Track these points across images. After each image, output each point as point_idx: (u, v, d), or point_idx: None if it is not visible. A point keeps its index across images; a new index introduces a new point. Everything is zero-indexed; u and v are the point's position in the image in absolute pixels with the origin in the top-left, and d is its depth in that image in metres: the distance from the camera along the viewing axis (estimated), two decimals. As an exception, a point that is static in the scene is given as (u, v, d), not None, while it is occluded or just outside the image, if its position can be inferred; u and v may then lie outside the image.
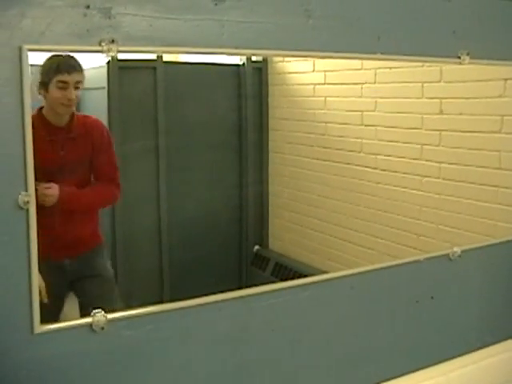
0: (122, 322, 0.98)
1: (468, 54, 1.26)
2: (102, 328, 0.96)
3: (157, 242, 2.89)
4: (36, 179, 1.82)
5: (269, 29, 1.03)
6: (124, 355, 0.98)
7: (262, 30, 1.03)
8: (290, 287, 1.12)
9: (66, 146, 2.23)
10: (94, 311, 0.97)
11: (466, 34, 1.26)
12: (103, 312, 0.97)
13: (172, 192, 2.87)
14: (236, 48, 1.01)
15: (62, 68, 2.09)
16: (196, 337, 1.03)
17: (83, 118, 2.30)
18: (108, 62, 2.77)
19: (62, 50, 0.88)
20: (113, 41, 0.90)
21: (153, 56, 2.93)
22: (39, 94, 2.15)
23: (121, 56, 2.70)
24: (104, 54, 0.90)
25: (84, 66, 2.13)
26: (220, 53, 1.00)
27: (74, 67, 2.11)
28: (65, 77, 2.10)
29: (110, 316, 0.97)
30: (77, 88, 2.13)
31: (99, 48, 0.89)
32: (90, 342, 0.96)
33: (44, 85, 2.15)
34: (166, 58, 2.99)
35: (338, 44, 1.10)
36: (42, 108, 2.25)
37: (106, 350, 0.97)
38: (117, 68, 2.83)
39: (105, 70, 2.81)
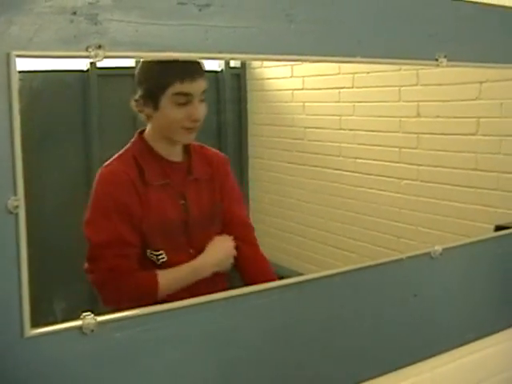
0: (112, 324, 0.98)
1: (445, 57, 1.28)
2: (92, 330, 0.97)
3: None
4: (147, 244, 1.52)
5: (252, 34, 1.05)
6: (115, 357, 0.99)
7: (246, 35, 1.05)
8: (275, 287, 1.13)
9: (187, 193, 1.61)
10: (83, 314, 0.97)
11: (443, 37, 1.29)
12: (93, 315, 0.98)
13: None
14: (220, 53, 1.03)
15: (181, 73, 1.46)
16: (186, 338, 1.04)
17: (200, 149, 1.68)
18: (87, 70, 2.76)
19: (50, 56, 0.89)
20: (100, 46, 0.91)
21: (133, 63, 2.92)
22: (139, 111, 1.56)
23: (100, 64, 2.70)
24: (91, 60, 0.91)
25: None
26: (204, 58, 1.02)
27: (198, 70, 1.50)
28: (186, 86, 1.48)
29: (100, 318, 0.97)
30: (202, 101, 1.54)
31: (86, 54, 0.90)
32: (80, 344, 0.96)
33: (150, 99, 1.52)
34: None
35: (320, 48, 1.12)
36: (142, 132, 1.61)
37: (96, 353, 0.98)
38: (96, 75, 2.82)
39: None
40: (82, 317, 0.96)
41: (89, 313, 0.97)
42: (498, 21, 1.41)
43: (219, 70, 3.26)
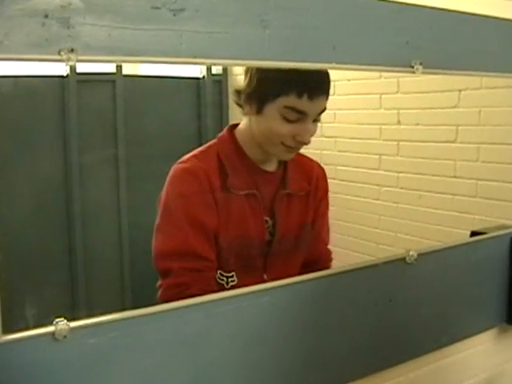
0: (84, 329, 0.97)
1: (421, 64, 1.29)
2: (65, 336, 0.95)
3: (118, 253, 2.88)
4: (218, 263, 1.28)
5: (226, 39, 1.05)
6: (88, 363, 0.98)
7: (220, 40, 1.04)
8: (249, 292, 1.12)
9: (276, 209, 1.39)
10: (56, 319, 0.97)
11: (419, 45, 1.29)
12: (66, 320, 0.97)
13: (133, 202, 2.86)
14: (194, 57, 1.02)
15: (301, 85, 1.25)
16: (159, 343, 1.04)
17: (298, 158, 1.42)
18: (66, 76, 2.76)
19: (21, 59, 0.88)
20: (72, 50, 0.90)
21: (112, 69, 2.93)
22: (240, 107, 1.35)
23: (79, 69, 2.69)
24: (64, 63, 0.91)
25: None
26: (178, 62, 1.01)
27: (322, 88, 1.29)
28: (303, 103, 1.26)
29: (73, 324, 0.96)
30: (315, 121, 1.32)
31: (58, 57, 0.90)
32: (53, 350, 0.95)
33: (255, 99, 1.30)
34: (126, 71, 2.99)
35: (294, 53, 1.12)
36: (233, 127, 1.41)
37: (69, 359, 0.97)
38: (75, 81, 2.82)
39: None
40: (54, 322, 0.95)
41: (62, 318, 0.96)
42: (475, 29, 1.42)
43: (201, 76, 3.28)
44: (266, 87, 1.27)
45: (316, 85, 1.27)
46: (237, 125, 1.40)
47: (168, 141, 2.94)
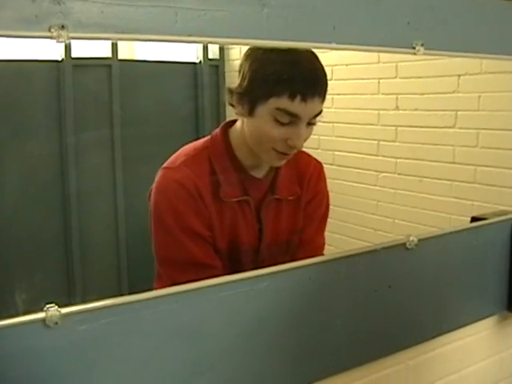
0: (76, 316, 0.95)
1: (422, 45, 1.26)
2: (56, 323, 0.93)
3: (113, 237, 2.86)
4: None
5: (223, 17, 1.02)
6: (80, 350, 0.96)
7: (216, 19, 1.01)
8: (247, 278, 1.10)
9: (263, 215, 1.35)
10: (47, 306, 0.94)
11: (420, 25, 1.27)
12: (57, 306, 0.95)
13: (128, 186, 2.84)
14: (189, 36, 0.99)
15: (294, 86, 1.18)
16: (153, 330, 1.01)
17: (295, 157, 1.34)
18: (61, 60, 2.72)
19: (10, 35, 0.85)
20: (63, 27, 0.87)
21: (108, 53, 2.89)
22: (232, 107, 1.28)
23: (75, 53, 2.66)
24: (54, 41, 0.87)
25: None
26: (173, 40, 0.98)
27: (317, 89, 1.21)
28: (295, 106, 1.19)
29: (64, 310, 0.94)
30: (310, 125, 1.25)
31: (49, 34, 0.86)
32: (44, 337, 0.93)
33: (248, 101, 1.24)
34: (122, 55, 2.95)
35: (293, 33, 1.09)
36: (229, 125, 1.36)
37: (61, 346, 0.94)
38: (71, 66, 2.78)
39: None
40: (45, 309, 0.93)
41: (53, 305, 0.94)
42: (478, 10, 1.39)
43: (197, 61, 3.24)
44: (258, 87, 1.21)
45: (310, 86, 1.20)
46: (233, 122, 1.35)
47: (164, 126, 2.91)
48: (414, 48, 1.26)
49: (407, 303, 1.36)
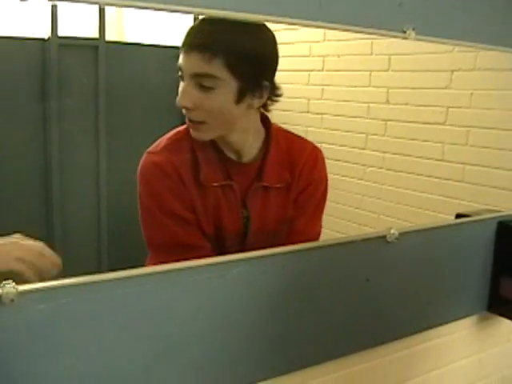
0: (34, 294, 0.90)
1: (414, 29, 1.21)
2: (12, 300, 0.88)
3: (95, 215, 2.81)
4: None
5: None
6: (37, 330, 0.91)
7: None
8: (218, 263, 1.05)
9: (249, 202, 1.32)
10: (3, 282, 0.89)
11: (413, 8, 1.22)
12: (13, 283, 0.89)
13: (113, 170, 2.79)
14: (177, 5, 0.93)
15: (184, 39, 1.18)
16: (114, 312, 0.96)
17: (287, 143, 1.35)
18: (48, 39, 2.66)
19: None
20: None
21: (95, 34, 2.83)
22: None
23: (61, 33, 2.59)
24: None
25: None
26: (160, 9, 0.92)
27: (197, 44, 1.17)
28: (182, 57, 1.19)
29: (21, 288, 0.89)
30: (204, 88, 1.19)
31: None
32: (-1, 315, 0.88)
33: None
34: (109, 36, 2.90)
35: (277, 8, 1.04)
36: None
37: (16, 324, 0.90)
38: (57, 45, 2.71)
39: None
40: (1, 285, 0.88)
41: (9, 281, 0.89)
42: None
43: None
44: None
45: (191, 37, 1.18)
46: None
47: (151, 109, 2.85)
48: (405, 32, 1.21)
49: (385, 298, 1.32)
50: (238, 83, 1.19)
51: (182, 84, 1.22)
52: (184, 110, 1.23)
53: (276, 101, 1.29)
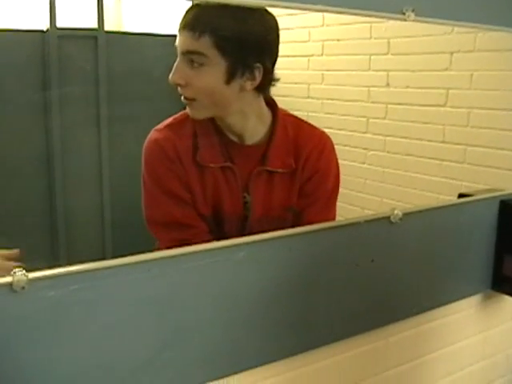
0: (44, 281, 0.91)
1: (413, 11, 1.21)
2: (23, 288, 0.89)
3: (98, 196, 2.82)
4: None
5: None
6: (47, 316, 0.92)
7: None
8: (224, 247, 1.06)
9: (251, 186, 1.31)
10: (14, 270, 0.90)
11: (411, -11, 1.22)
12: (24, 271, 0.91)
13: (114, 161, 2.80)
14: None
15: (183, 17, 1.20)
16: (123, 298, 0.97)
17: (295, 129, 1.35)
18: (47, 30, 2.66)
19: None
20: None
21: (94, 24, 2.83)
22: None
23: (60, 24, 2.59)
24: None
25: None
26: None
27: (188, 22, 1.19)
28: (178, 36, 1.22)
29: (32, 275, 0.90)
30: (192, 63, 1.21)
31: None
32: (10, 303, 0.89)
33: None
34: (108, 27, 2.89)
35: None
36: None
37: (27, 311, 0.91)
38: (56, 36, 2.71)
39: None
40: (12, 273, 0.89)
41: (20, 269, 0.90)
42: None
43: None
44: None
45: (185, 18, 1.20)
46: None
47: (151, 98, 2.85)
48: (404, 14, 1.21)
49: (390, 278, 1.33)
50: (226, 63, 1.20)
51: (175, 64, 1.24)
52: (179, 89, 1.25)
53: (273, 85, 1.29)
